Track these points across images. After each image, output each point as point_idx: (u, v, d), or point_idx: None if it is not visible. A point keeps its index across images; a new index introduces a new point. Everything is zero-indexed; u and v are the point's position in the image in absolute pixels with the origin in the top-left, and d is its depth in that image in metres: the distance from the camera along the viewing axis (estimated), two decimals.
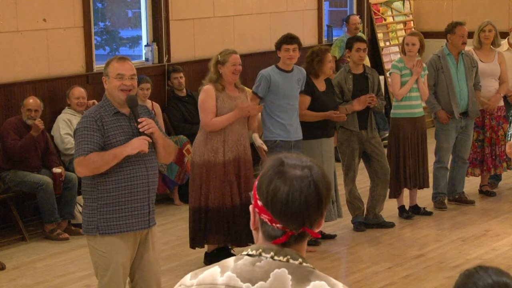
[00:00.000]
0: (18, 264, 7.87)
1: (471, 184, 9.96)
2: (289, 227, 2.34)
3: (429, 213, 9.02)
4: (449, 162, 9.39)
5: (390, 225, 8.70)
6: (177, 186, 9.64)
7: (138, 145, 5.13)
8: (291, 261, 2.34)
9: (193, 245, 7.45)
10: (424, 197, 9.31)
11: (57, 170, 8.55)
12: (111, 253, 5.24)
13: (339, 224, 8.65)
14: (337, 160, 8.95)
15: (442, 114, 9.08)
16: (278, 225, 2.34)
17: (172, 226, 8.67)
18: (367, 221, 8.64)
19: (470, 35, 9.55)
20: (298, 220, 2.33)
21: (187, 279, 2.43)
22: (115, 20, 12.46)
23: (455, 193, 9.45)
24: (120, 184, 5.19)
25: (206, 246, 7.54)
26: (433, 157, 9.28)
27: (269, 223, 2.35)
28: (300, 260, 2.35)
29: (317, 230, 2.40)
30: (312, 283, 2.32)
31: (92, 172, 5.13)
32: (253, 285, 2.33)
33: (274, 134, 7.73)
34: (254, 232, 2.43)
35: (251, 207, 2.41)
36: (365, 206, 8.66)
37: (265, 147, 7.78)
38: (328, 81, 8.25)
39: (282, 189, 2.32)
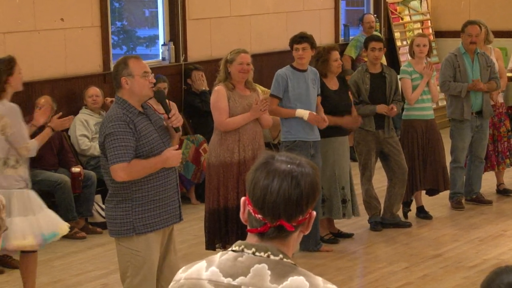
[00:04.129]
0: None
1: (489, 183, 9.90)
2: (266, 218, 2.40)
3: (429, 217, 8.92)
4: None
5: (407, 225, 8.68)
6: (193, 185, 9.67)
7: (176, 162, 5.28)
8: (271, 257, 2.39)
9: (212, 247, 7.35)
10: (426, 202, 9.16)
11: (76, 169, 8.56)
12: (147, 251, 5.25)
13: (355, 223, 8.63)
14: (354, 159, 8.99)
15: (472, 84, 8.96)
16: (258, 215, 2.41)
17: (189, 225, 8.65)
18: (384, 221, 8.59)
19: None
20: (274, 212, 2.39)
21: (179, 273, 2.51)
22: (132, 20, 12.47)
23: (472, 193, 9.40)
24: (155, 182, 5.23)
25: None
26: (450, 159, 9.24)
27: (252, 214, 2.42)
28: (280, 256, 2.40)
29: (304, 226, 2.45)
30: (290, 279, 2.37)
31: (131, 178, 5.17)
32: (234, 280, 2.39)
33: (292, 134, 7.69)
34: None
35: (242, 199, 2.47)
36: (382, 205, 8.62)
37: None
38: (341, 79, 8.20)
39: (263, 179, 2.40)
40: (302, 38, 7.73)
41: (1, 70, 6.43)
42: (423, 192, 8.97)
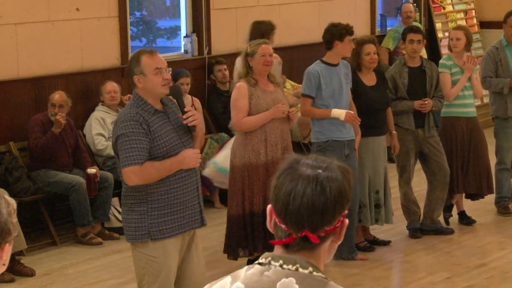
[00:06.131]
0: (48, 270, 7.79)
1: None
2: (289, 228, 2.31)
3: (472, 222, 8.66)
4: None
5: (449, 231, 8.46)
6: (217, 188, 9.47)
7: (194, 162, 5.20)
8: (300, 270, 2.31)
9: (235, 256, 7.18)
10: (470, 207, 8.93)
11: (91, 170, 8.43)
12: (164, 258, 5.20)
13: (393, 229, 8.48)
14: (392, 161, 8.79)
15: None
16: (283, 225, 2.33)
17: (212, 230, 8.53)
18: (424, 227, 8.41)
19: None
20: (297, 222, 2.30)
21: None
22: (152, 9, 12.62)
23: None
24: (173, 185, 5.18)
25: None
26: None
27: (278, 224, 2.34)
28: (310, 269, 2.31)
29: (336, 236, 2.34)
30: None
31: (144, 182, 5.13)
32: None
33: (324, 134, 7.44)
34: None
35: (269, 207, 2.38)
36: (422, 210, 8.41)
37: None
38: (379, 74, 7.96)
39: (286, 186, 2.31)
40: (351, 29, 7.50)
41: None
42: (464, 196, 8.81)
